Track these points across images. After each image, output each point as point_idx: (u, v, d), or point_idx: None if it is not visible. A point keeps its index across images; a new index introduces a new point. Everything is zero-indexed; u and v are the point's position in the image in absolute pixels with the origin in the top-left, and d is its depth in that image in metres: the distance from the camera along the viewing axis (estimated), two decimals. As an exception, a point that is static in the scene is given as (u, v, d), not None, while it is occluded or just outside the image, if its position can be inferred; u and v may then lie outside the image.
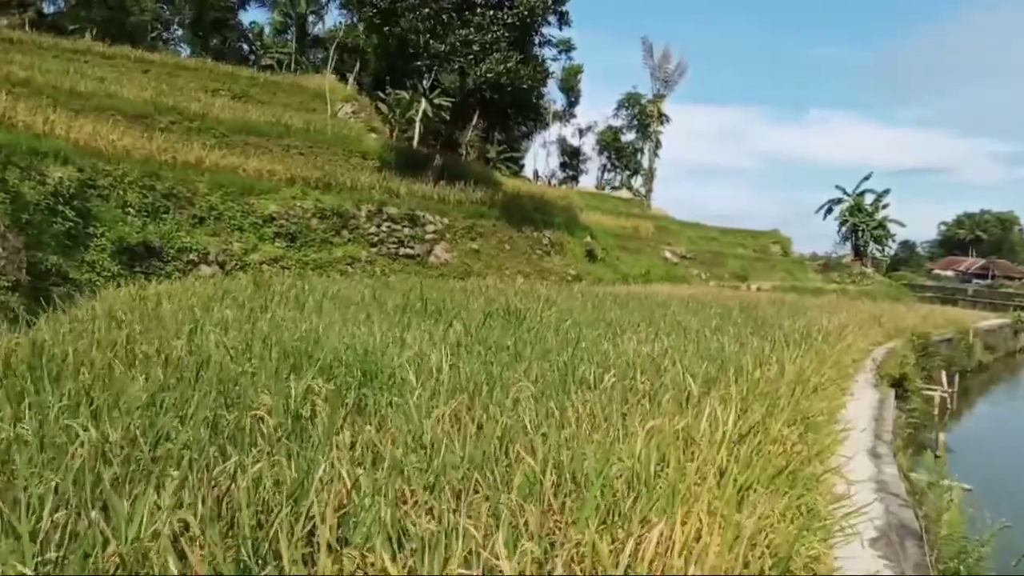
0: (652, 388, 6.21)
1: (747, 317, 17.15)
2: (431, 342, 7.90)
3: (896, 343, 19.57)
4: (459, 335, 8.65)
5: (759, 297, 29.49)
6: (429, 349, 7.38)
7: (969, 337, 26.22)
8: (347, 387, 5.39)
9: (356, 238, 22.05)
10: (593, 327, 11.57)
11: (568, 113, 78.38)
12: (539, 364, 6.77)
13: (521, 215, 28.03)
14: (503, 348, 8.04)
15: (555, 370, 6.44)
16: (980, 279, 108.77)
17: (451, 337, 8.56)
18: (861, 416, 9.33)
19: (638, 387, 6.28)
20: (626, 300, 20.21)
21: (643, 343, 9.38)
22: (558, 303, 17.52)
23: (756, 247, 56.39)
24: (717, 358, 8.23)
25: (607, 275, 31.93)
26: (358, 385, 5.40)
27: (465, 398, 5.24)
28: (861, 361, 14.33)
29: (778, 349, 10.03)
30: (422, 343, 7.79)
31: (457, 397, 5.25)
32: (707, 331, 12.40)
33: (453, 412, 4.50)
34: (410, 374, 5.52)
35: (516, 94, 24.22)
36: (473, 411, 4.63)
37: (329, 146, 27.33)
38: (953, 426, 18.33)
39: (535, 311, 14.00)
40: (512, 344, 8.12)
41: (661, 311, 17.02)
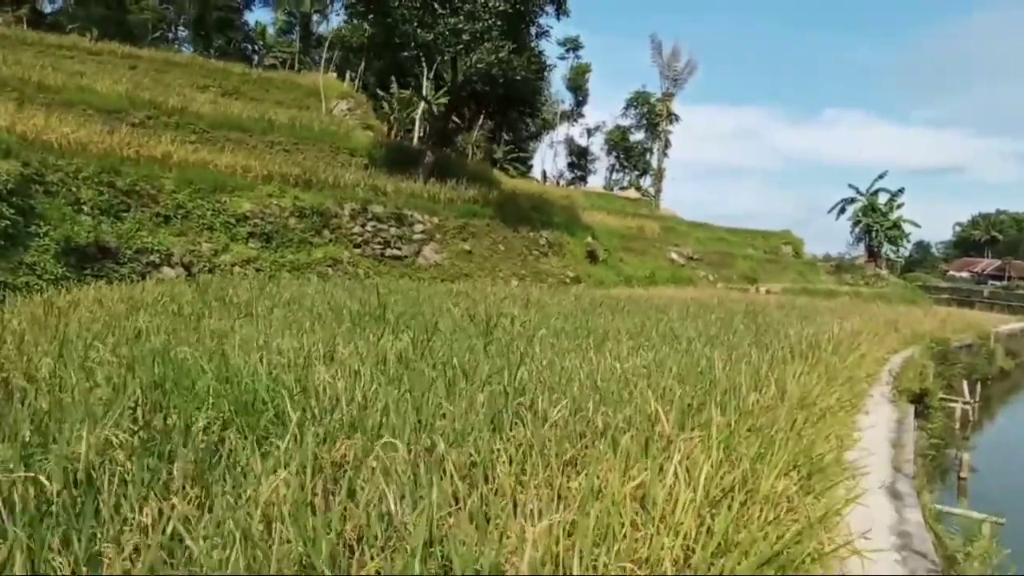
0: (615, 422, 4.93)
1: (751, 323, 15.82)
2: (369, 357, 6.66)
3: (914, 350, 18.17)
4: (407, 349, 7.40)
5: (767, 300, 28.11)
6: (363, 367, 6.15)
7: (990, 343, 24.73)
8: (211, 424, 4.17)
9: (338, 238, 20.86)
10: (573, 337, 10.32)
11: (576, 113, 77.12)
12: (483, 389, 5.51)
13: (517, 215, 26.77)
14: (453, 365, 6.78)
15: (498, 397, 5.17)
16: (996, 280, 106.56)
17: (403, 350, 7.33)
18: (877, 442, 8.01)
19: (597, 421, 5.01)
20: (623, 304, 18.93)
21: (622, 358, 8.11)
22: (548, 308, 16.28)
23: (767, 248, 54.87)
24: (706, 378, 6.94)
25: (609, 277, 30.60)
26: (222, 426, 4.15)
27: (358, 441, 3.99)
28: (877, 373, 12.99)
29: (780, 363, 8.73)
30: (361, 358, 6.57)
31: (347, 443, 4.00)
32: (702, 341, 11.10)
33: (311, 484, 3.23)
34: (293, 408, 4.27)
35: (510, 87, 22.99)
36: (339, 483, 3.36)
37: (316, 143, 26.19)
38: (976, 440, 16.91)
39: (515, 318, 12.75)
40: (463, 361, 6.87)
41: (657, 317, 15.73)
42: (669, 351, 9.22)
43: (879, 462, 7.32)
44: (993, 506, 12.29)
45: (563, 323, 12.31)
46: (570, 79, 74.70)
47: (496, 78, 21.98)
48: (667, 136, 71.89)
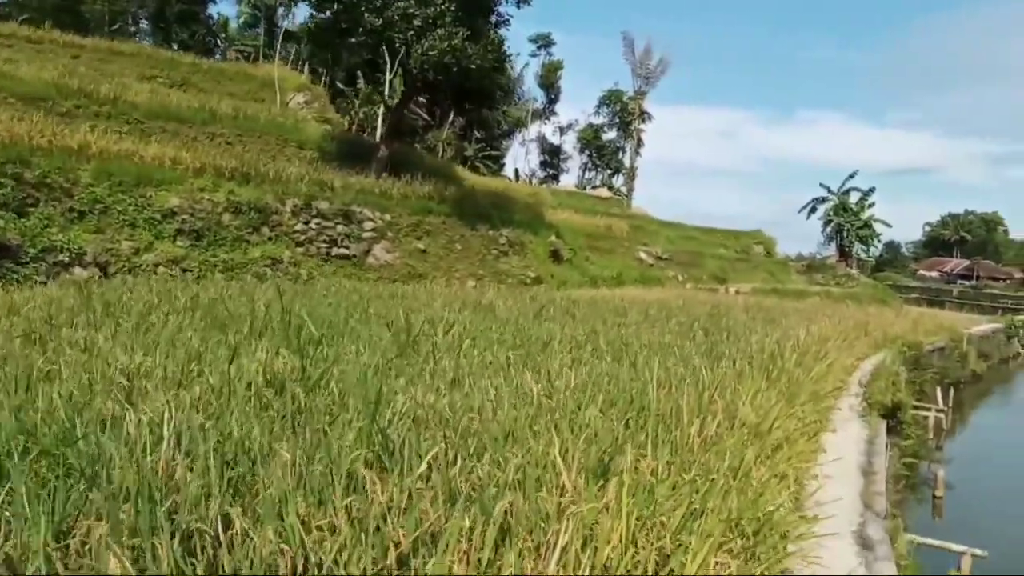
0: (502, 476, 3.75)
1: (713, 327, 14.77)
2: (234, 380, 5.42)
3: (885, 354, 17.27)
4: (289, 368, 6.19)
5: (735, 301, 27.18)
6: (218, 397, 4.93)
7: (963, 345, 24.02)
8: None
9: (278, 236, 19.49)
10: (510, 347, 9.12)
11: (548, 110, 76.07)
12: (343, 429, 4.30)
13: (476, 212, 25.54)
14: (331, 391, 5.58)
15: (351, 447, 3.95)
16: (965, 280, 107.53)
17: (278, 372, 6.12)
18: (845, 472, 6.92)
19: (480, 472, 3.83)
20: (580, 307, 17.81)
21: (553, 375, 6.96)
22: (498, 311, 15.10)
23: (738, 248, 54.23)
24: (640, 403, 5.79)
25: (573, 278, 29.51)
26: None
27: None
28: (846, 383, 11.99)
29: (736, 379, 7.63)
30: (212, 387, 5.34)
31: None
32: (654, 350, 9.98)
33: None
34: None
35: (466, 77, 21.73)
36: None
37: (262, 135, 24.76)
38: (949, 449, 16.04)
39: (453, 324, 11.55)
40: (349, 385, 5.66)
41: (614, 321, 14.62)
42: (611, 366, 8.08)
43: (847, 498, 6.22)
44: (971, 528, 11.35)
45: (506, 330, 11.13)
46: (542, 76, 73.69)
47: (450, 67, 20.71)
48: (639, 135, 71.17)
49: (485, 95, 23.83)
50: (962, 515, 11.49)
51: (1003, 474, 14.47)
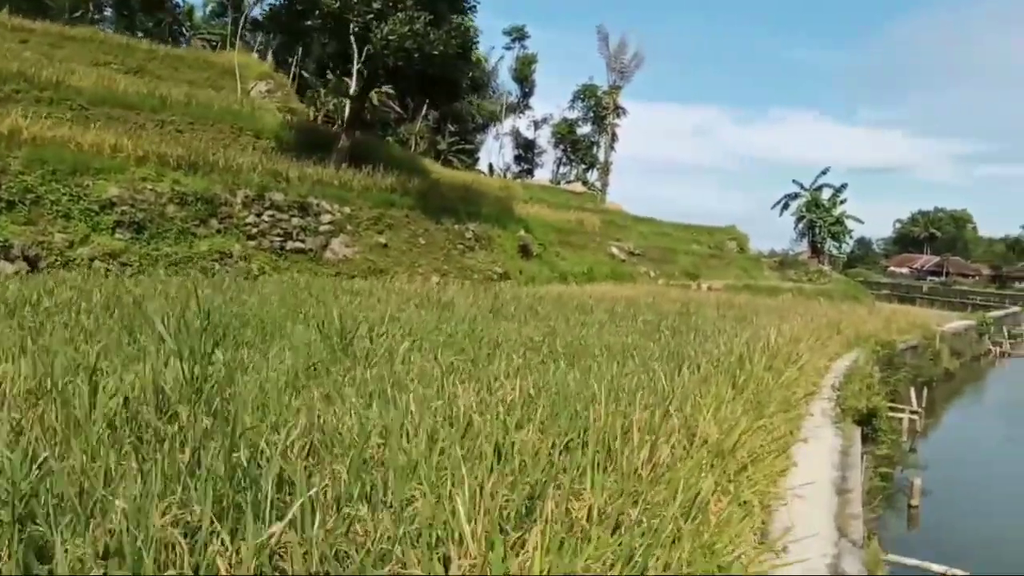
0: (390, 531, 2.95)
1: (682, 326, 14.10)
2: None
3: (858, 354, 16.76)
4: (175, 382, 5.34)
5: (707, 298, 26.64)
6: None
7: (936, 343, 23.67)
8: None
9: (228, 229, 18.47)
10: (456, 351, 8.33)
11: (522, 104, 75.26)
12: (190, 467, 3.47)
13: (441, 205, 24.66)
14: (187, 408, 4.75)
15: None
16: (935, 276, 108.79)
17: (173, 379, 5.29)
18: (817, 493, 6.22)
19: (360, 527, 3.03)
20: (546, 304, 17.06)
21: (496, 385, 6.18)
22: (457, 309, 14.30)
23: (712, 244, 53.87)
24: (586, 420, 5.02)
25: (543, 273, 28.76)
26: None
27: None
28: (818, 386, 11.37)
29: (700, 387, 6.91)
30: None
31: None
32: (614, 352, 9.25)
33: None
34: None
35: (428, 63, 20.82)
36: None
37: (215, 123, 23.65)
38: (923, 451, 15.55)
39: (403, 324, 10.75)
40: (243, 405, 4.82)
41: (578, 320, 13.90)
42: (563, 372, 7.32)
43: (820, 524, 5.52)
44: (949, 540, 10.81)
45: (458, 331, 10.32)
46: (516, 70, 72.85)
47: (411, 52, 19.78)
48: (614, 129, 70.71)
49: (450, 84, 22.94)
50: (938, 524, 10.95)
51: (977, 478, 14.00)
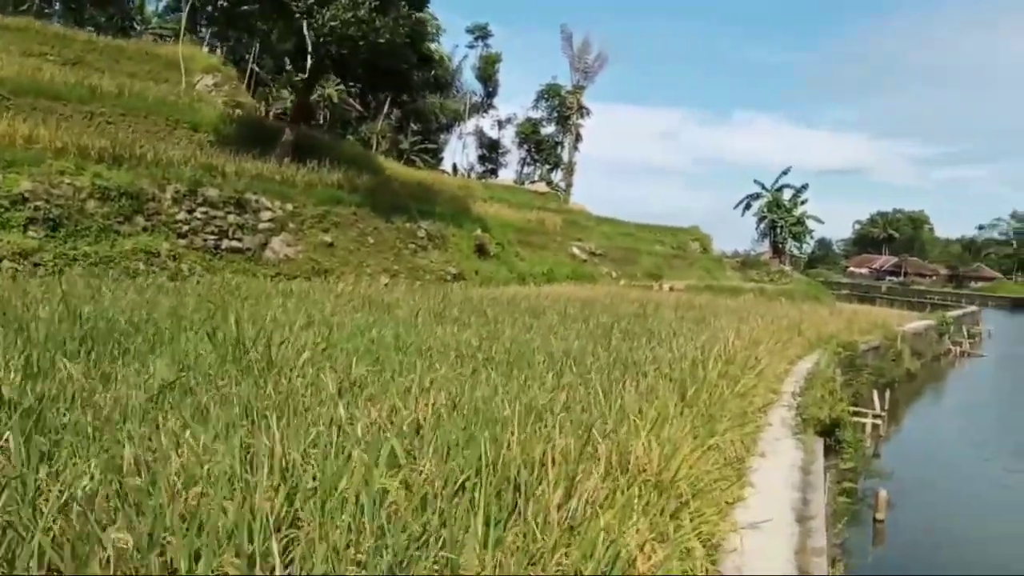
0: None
1: (637, 328, 13.31)
2: None
3: (820, 356, 16.17)
4: None
5: (668, 298, 25.99)
6: None
7: (897, 343, 23.31)
8: None
9: (156, 226, 17.21)
10: (372, 361, 7.36)
11: (486, 104, 74.33)
12: None
13: (392, 203, 23.60)
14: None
15: None
16: (893, 276, 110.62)
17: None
18: (776, 524, 5.39)
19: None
20: (499, 306, 16.16)
21: (390, 410, 5.25)
22: (397, 312, 13.32)
23: (675, 244, 53.54)
24: (493, 453, 4.11)
25: (500, 274, 27.84)
26: None
27: None
28: (778, 392, 10.64)
29: (642, 402, 6.06)
30: None
31: None
32: (555, 360, 8.37)
33: None
34: None
35: (375, 53, 19.77)
36: None
37: (149, 115, 22.29)
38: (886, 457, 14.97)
39: (331, 329, 9.78)
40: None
41: (525, 324, 13.00)
42: (492, 385, 6.41)
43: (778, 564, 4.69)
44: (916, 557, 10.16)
45: (385, 335, 9.35)
46: (480, 69, 71.90)
47: (356, 40, 18.71)
48: (578, 130, 70.14)
49: (400, 75, 21.90)
50: (905, 540, 10.29)
51: (943, 486, 13.43)
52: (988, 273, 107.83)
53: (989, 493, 12.85)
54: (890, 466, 13.31)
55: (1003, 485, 13.55)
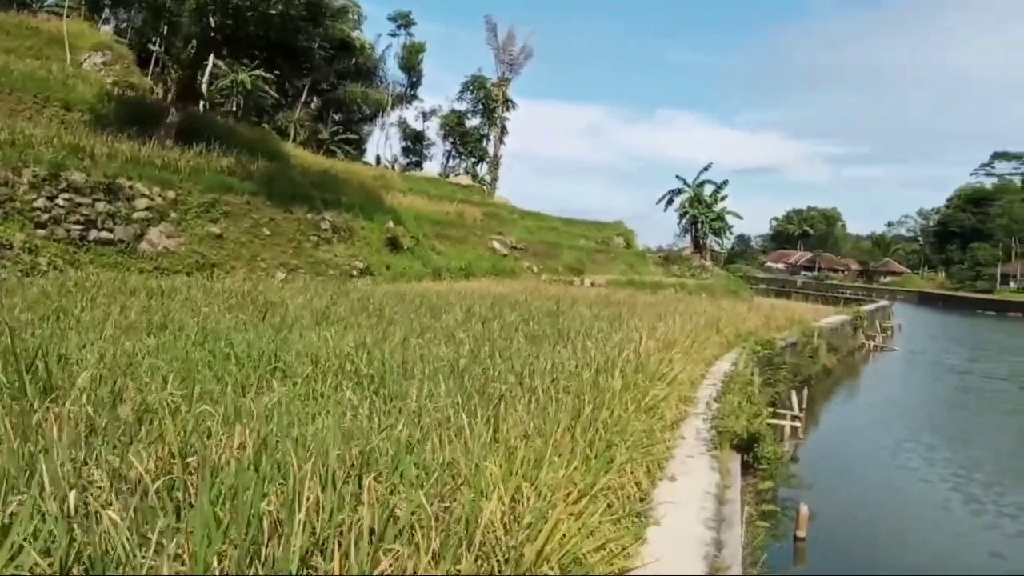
0: None
1: (548, 329, 12.21)
2: None
3: (738, 354, 15.51)
4: None
5: (587, 294, 25.14)
6: None
7: (814, 339, 23.08)
8: None
9: (10, 214, 15.10)
10: (203, 379, 5.96)
11: (410, 94, 72.31)
12: None
13: (292, 191, 21.84)
14: None
15: None
16: (808, 271, 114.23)
17: None
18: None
19: None
20: (404, 303, 14.79)
21: (179, 451, 3.89)
22: (283, 314, 11.84)
23: (599, 239, 53.14)
24: (289, 522, 2.83)
25: (414, 268, 26.41)
26: None
27: None
28: (693, 400, 9.71)
29: (536, 419, 4.90)
30: None
31: None
32: (435, 371, 7.12)
33: None
34: None
35: (267, 27, 18.03)
36: None
37: (14, 91, 19.86)
38: (806, 460, 14.37)
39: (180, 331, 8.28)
40: None
41: (426, 323, 11.71)
42: (343, 408, 5.11)
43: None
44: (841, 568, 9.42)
45: (241, 343, 7.90)
46: (403, 58, 69.83)
47: (243, 11, 16.96)
48: (503, 123, 68.97)
49: (298, 53, 20.16)
50: (826, 557, 9.52)
51: (862, 489, 12.88)
52: (896, 268, 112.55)
53: (910, 496, 12.35)
54: (810, 473, 12.66)
55: (924, 479, 13.12)
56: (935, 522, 11.16)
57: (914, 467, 14.00)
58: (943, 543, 10.31)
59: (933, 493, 12.42)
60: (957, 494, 12.32)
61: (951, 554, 9.92)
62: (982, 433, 18.74)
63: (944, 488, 12.64)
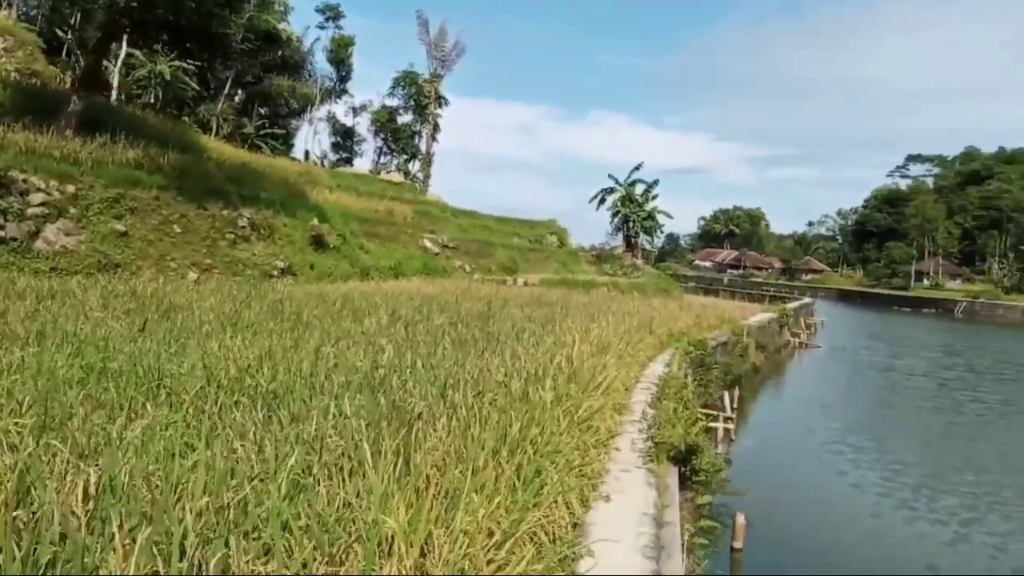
0: None
1: (478, 333, 11.59)
2: None
3: (671, 355, 15.26)
4: None
5: (520, 294, 24.65)
6: None
7: (744, 338, 23.21)
8: None
9: None
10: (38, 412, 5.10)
11: (339, 88, 70.40)
12: None
13: (206, 186, 20.55)
14: None
15: None
16: (734, 269, 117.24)
17: None
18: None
19: None
20: (323, 305, 13.92)
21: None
22: (193, 318, 10.87)
23: (532, 237, 52.86)
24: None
25: (340, 268, 25.39)
26: None
27: None
28: (628, 407, 9.28)
29: (458, 436, 4.28)
30: None
31: None
32: (347, 384, 6.42)
33: None
34: None
35: (179, 12, 16.81)
36: None
37: None
38: (739, 463, 14.20)
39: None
40: None
41: (344, 328, 10.93)
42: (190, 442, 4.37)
43: None
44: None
45: (117, 354, 7.01)
46: (332, 52, 67.92)
47: (151, -6, 15.74)
48: (436, 119, 67.89)
49: (214, 40, 18.93)
50: (763, 562, 9.25)
51: (796, 495, 12.77)
52: (817, 266, 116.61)
53: (843, 504, 12.26)
54: (744, 478, 12.42)
55: (855, 484, 13.11)
56: (871, 533, 10.98)
57: (844, 470, 14.00)
58: (880, 555, 10.08)
59: (864, 499, 12.35)
60: (888, 499, 12.31)
61: (890, 567, 9.75)
62: (906, 432, 19.11)
63: (874, 494, 12.60)
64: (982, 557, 9.99)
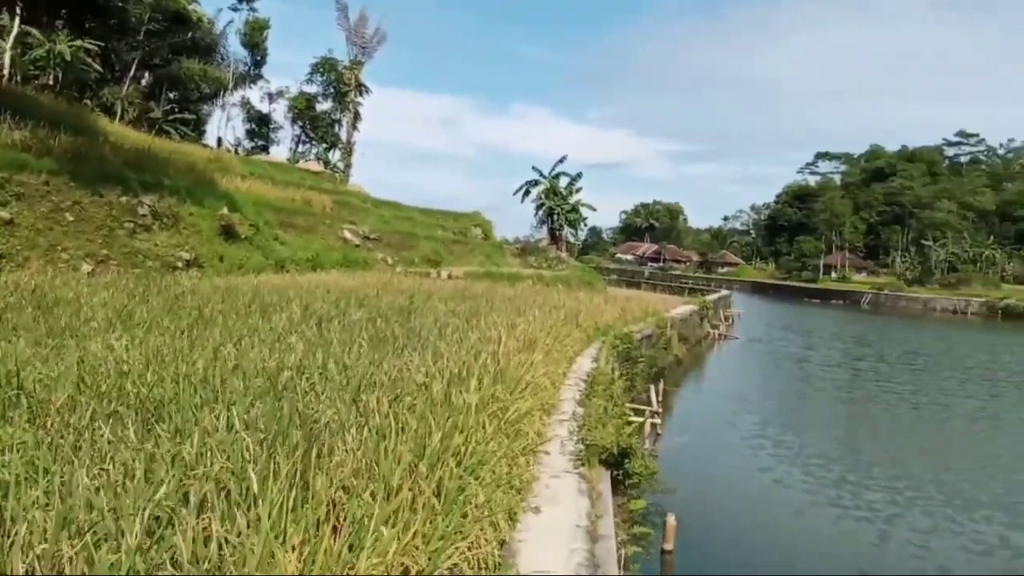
0: None
1: (398, 329, 10.91)
2: None
3: (598, 350, 15.00)
4: None
5: (444, 287, 23.97)
6: None
7: (667, 330, 23.30)
8: None
9: None
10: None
11: (253, 73, 67.45)
12: None
13: (102, 171, 18.97)
14: None
15: None
16: (654, 262, 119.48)
17: None
18: None
19: None
20: (229, 300, 12.90)
21: None
22: (79, 317, 9.79)
23: (456, 230, 52.08)
24: None
25: (253, 260, 24.08)
26: None
27: None
28: (556, 406, 8.85)
29: (372, 453, 3.67)
30: None
31: None
32: (248, 391, 5.71)
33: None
34: None
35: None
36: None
37: None
38: (666, 458, 14.02)
39: None
40: None
41: (248, 326, 10.07)
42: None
43: None
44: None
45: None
46: (245, 35, 64.98)
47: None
48: (357, 108, 66.04)
49: (109, 12, 17.41)
50: (693, 562, 8.99)
51: (723, 492, 12.67)
52: (732, 259, 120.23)
53: (770, 501, 12.22)
54: (672, 475, 12.14)
55: (779, 481, 13.14)
56: (800, 531, 10.88)
57: (767, 465, 14.03)
58: (813, 556, 9.98)
59: (789, 495, 12.34)
60: (813, 496, 12.33)
61: (818, 565, 9.66)
62: (825, 425, 19.48)
63: (801, 491, 12.60)
64: (907, 556, 10.02)
